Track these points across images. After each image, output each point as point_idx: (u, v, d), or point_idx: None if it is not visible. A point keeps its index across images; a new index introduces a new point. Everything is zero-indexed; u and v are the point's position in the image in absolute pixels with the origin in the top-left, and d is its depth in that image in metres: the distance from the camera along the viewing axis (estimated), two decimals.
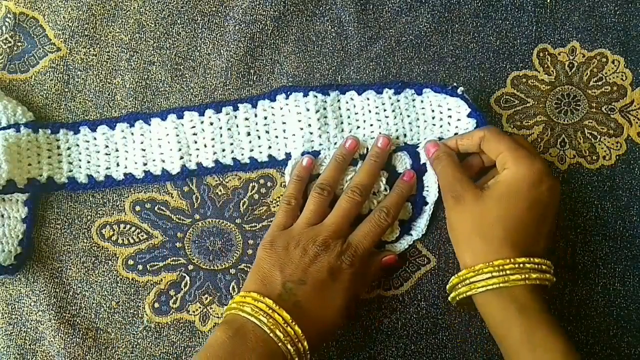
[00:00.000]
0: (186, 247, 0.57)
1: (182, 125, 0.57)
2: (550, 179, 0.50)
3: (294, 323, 0.47)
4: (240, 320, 0.48)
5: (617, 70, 0.59)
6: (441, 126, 0.57)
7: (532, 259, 0.48)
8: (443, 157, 0.53)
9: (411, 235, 0.56)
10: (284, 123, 0.57)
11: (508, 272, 0.47)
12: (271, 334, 0.47)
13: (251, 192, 0.57)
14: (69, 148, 0.56)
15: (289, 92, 0.57)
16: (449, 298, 0.52)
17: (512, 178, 0.50)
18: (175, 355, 0.55)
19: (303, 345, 0.47)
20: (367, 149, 0.56)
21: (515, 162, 0.50)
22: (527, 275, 0.47)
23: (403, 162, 0.57)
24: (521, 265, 0.47)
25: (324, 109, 0.57)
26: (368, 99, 0.57)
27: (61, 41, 0.58)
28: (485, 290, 0.48)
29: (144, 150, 0.57)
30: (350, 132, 0.57)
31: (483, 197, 0.50)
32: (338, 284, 0.50)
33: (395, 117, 0.57)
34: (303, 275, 0.50)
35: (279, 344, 0.47)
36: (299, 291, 0.49)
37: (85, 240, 0.56)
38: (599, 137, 0.58)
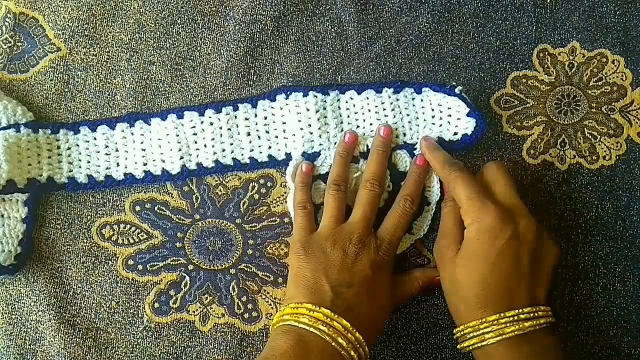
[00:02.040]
0: (186, 247, 0.56)
1: (182, 125, 0.57)
2: (509, 227, 0.49)
3: (354, 330, 0.47)
4: (299, 331, 0.47)
5: (617, 70, 0.59)
6: (440, 125, 0.57)
7: (504, 314, 0.48)
8: (448, 202, 0.54)
9: (412, 235, 0.56)
10: (284, 123, 0.57)
11: (482, 330, 0.48)
12: (334, 343, 0.46)
13: (251, 192, 0.57)
14: (69, 148, 0.56)
15: (289, 92, 0.57)
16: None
17: (471, 240, 0.50)
18: (175, 355, 0.55)
19: (365, 351, 0.48)
20: (368, 146, 0.56)
21: (470, 221, 0.50)
22: (501, 331, 0.47)
23: (403, 161, 0.57)
24: (494, 322, 0.48)
25: (324, 108, 0.57)
26: (367, 98, 0.57)
27: (61, 41, 0.58)
28: (471, 349, 0.49)
29: (144, 150, 0.57)
30: None
31: (456, 258, 0.51)
32: (381, 278, 0.51)
33: (394, 116, 0.57)
34: (349, 277, 0.49)
35: (342, 352, 0.46)
36: (348, 294, 0.49)
37: (85, 240, 0.56)
38: (599, 137, 0.58)
